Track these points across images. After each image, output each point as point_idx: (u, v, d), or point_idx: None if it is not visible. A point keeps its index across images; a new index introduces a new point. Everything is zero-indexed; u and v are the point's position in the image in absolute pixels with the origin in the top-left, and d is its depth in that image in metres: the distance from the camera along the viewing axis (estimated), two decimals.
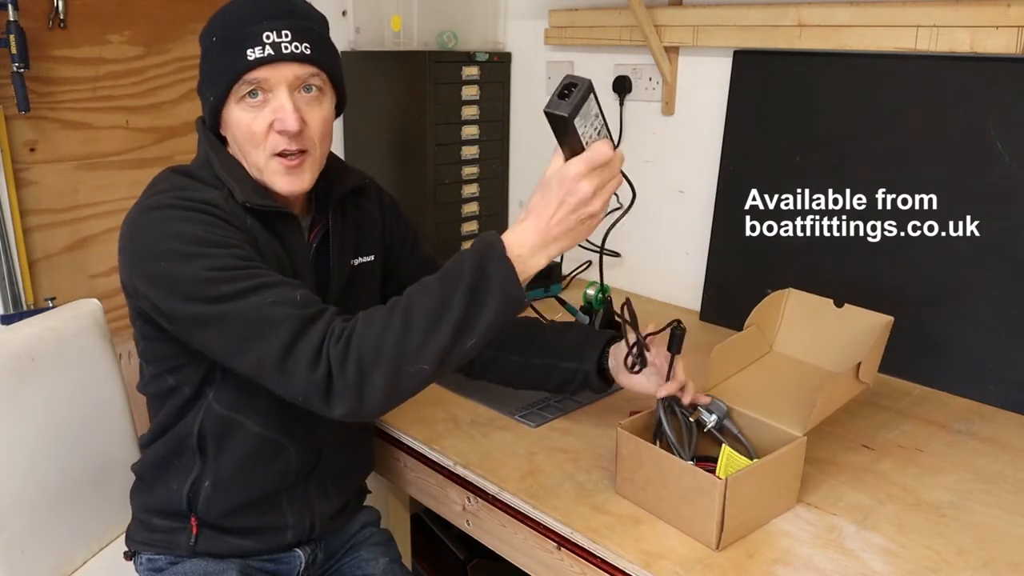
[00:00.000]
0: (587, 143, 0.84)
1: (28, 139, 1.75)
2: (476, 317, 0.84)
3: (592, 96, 0.83)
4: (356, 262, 1.18)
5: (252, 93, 0.99)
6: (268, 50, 0.97)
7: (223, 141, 1.07)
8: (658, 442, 1.09)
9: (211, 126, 1.05)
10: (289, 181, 1.03)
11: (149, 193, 1.02)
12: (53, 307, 1.72)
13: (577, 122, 0.81)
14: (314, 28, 1.02)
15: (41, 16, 1.72)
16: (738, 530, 0.99)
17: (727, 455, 1.05)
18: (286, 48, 0.98)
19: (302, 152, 1.02)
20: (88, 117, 1.84)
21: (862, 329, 1.20)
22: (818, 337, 1.27)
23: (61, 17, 1.73)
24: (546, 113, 0.82)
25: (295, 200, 1.10)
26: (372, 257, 1.21)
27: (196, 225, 0.94)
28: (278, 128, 1.00)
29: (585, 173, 0.83)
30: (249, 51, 0.97)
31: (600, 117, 0.86)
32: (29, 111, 1.70)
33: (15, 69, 1.65)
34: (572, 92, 0.81)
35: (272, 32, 0.97)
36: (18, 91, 1.67)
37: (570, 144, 0.84)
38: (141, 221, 0.97)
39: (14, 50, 1.63)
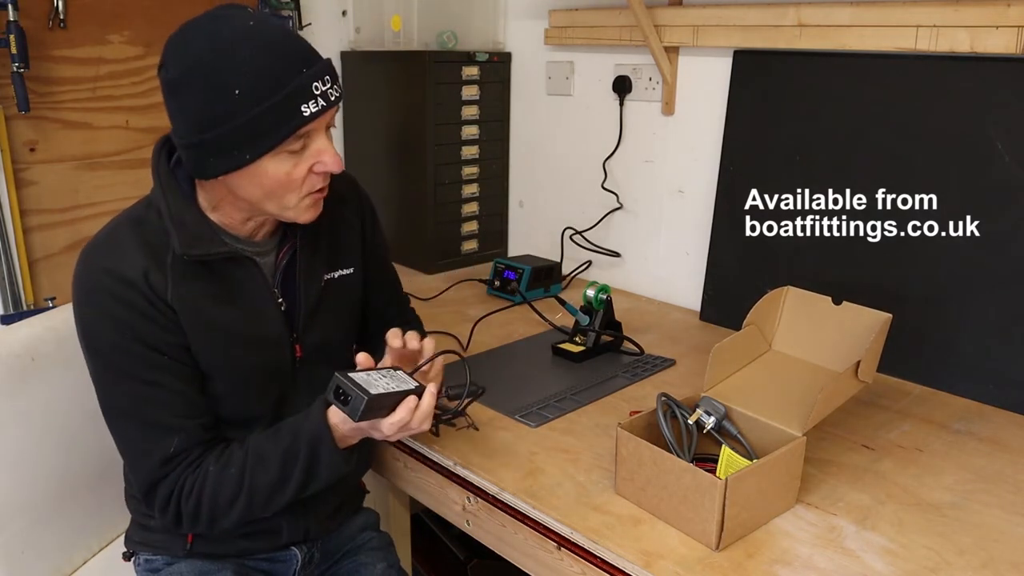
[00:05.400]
0: (389, 407, 0.96)
1: (28, 139, 1.75)
2: (308, 488, 1.03)
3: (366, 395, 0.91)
4: (330, 276, 1.15)
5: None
6: (321, 102, 0.94)
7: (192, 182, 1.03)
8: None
9: (203, 176, 0.99)
10: (315, 211, 1.03)
11: (81, 265, 1.00)
12: (53, 307, 1.71)
13: (373, 405, 0.92)
14: (331, 62, 0.99)
15: (41, 16, 1.71)
16: (738, 530, 0.99)
17: (727, 456, 1.05)
18: (332, 96, 0.95)
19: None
20: (88, 117, 1.83)
21: (861, 327, 1.20)
22: (817, 335, 1.27)
23: (61, 17, 1.73)
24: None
25: (263, 223, 1.08)
26: (351, 269, 1.18)
27: (104, 322, 0.98)
28: (319, 170, 0.98)
29: (389, 429, 0.97)
30: (303, 106, 0.92)
31: (387, 377, 0.98)
32: (29, 111, 1.70)
33: (15, 69, 1.65)
34: (349, 399, 0.91)
35: (318, 82, 0.93)
36: (18, 91, 1.67)
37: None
38: (76, 303, 1.01)
39: (14, 50, 1.63)
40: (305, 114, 0.92)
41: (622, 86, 1.91)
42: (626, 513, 1.05)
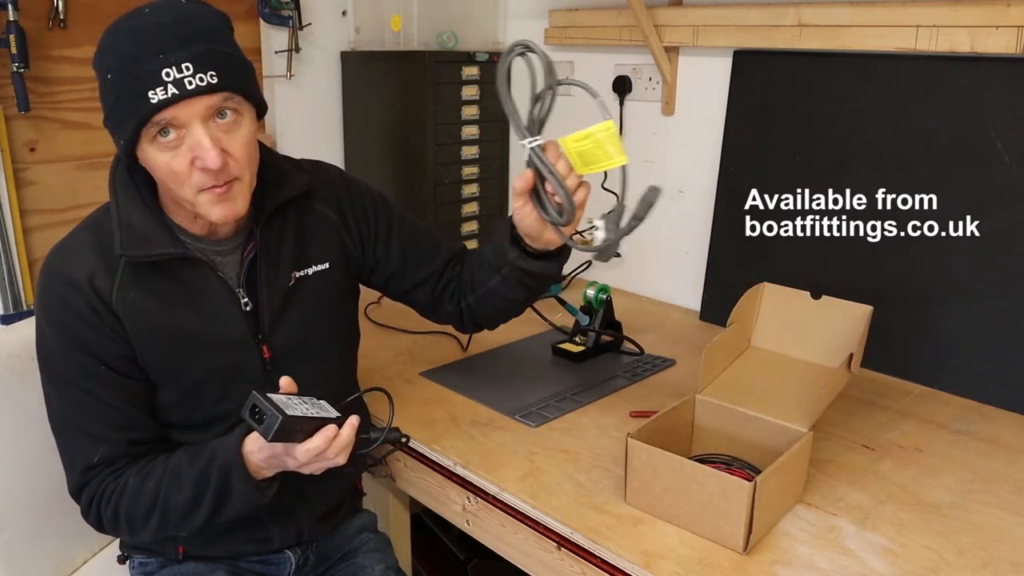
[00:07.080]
0: (304, 431, 0.93)
1: (28, 139, 1.75)
2: (223, 514, 1.01)
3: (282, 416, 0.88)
4: (302, 273, 1.11)
5: (163, 132, 0.91)
6: (172, 89, 0.88)
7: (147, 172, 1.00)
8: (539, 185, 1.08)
9: (127, 164, 0.98)
10: (223, 208, 0.96)
11: (41, 269, 1.02)
12: None
13: (287, 427, 0.89)
14: (216, 48, 0.92)
15: (41, 16, 1.71)
16: (762, 531, 0.99)
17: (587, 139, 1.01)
18: (191, 84, 0.89)
19: (229, 182, 0.96)
20: (88, 117, 1.83)
21: (840, 320, 1.21)
22: (795, 329, 1.28)
23: (61, 17, 1.73)
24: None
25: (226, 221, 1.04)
26: (326, 265, 1.14)
27: (49, 326, 0.99)
28: (199, 166, 0.92)
29: (304, 456, 0.94)
30: (151, 93, 0.88)
31: (308, 403, 0.96)
32: (29, 111, 1.70)
33: (15, 69, 1.64)
34: (264, 417, 0.89)
35: (171, 68, 0.88)
36: (18, 91, 1.67)
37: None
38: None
39: (14, 50, 1.63)
40: (152, 101, 0.88)
41: (622, 86, 1.91)
42: (626, 513, 1.05)
